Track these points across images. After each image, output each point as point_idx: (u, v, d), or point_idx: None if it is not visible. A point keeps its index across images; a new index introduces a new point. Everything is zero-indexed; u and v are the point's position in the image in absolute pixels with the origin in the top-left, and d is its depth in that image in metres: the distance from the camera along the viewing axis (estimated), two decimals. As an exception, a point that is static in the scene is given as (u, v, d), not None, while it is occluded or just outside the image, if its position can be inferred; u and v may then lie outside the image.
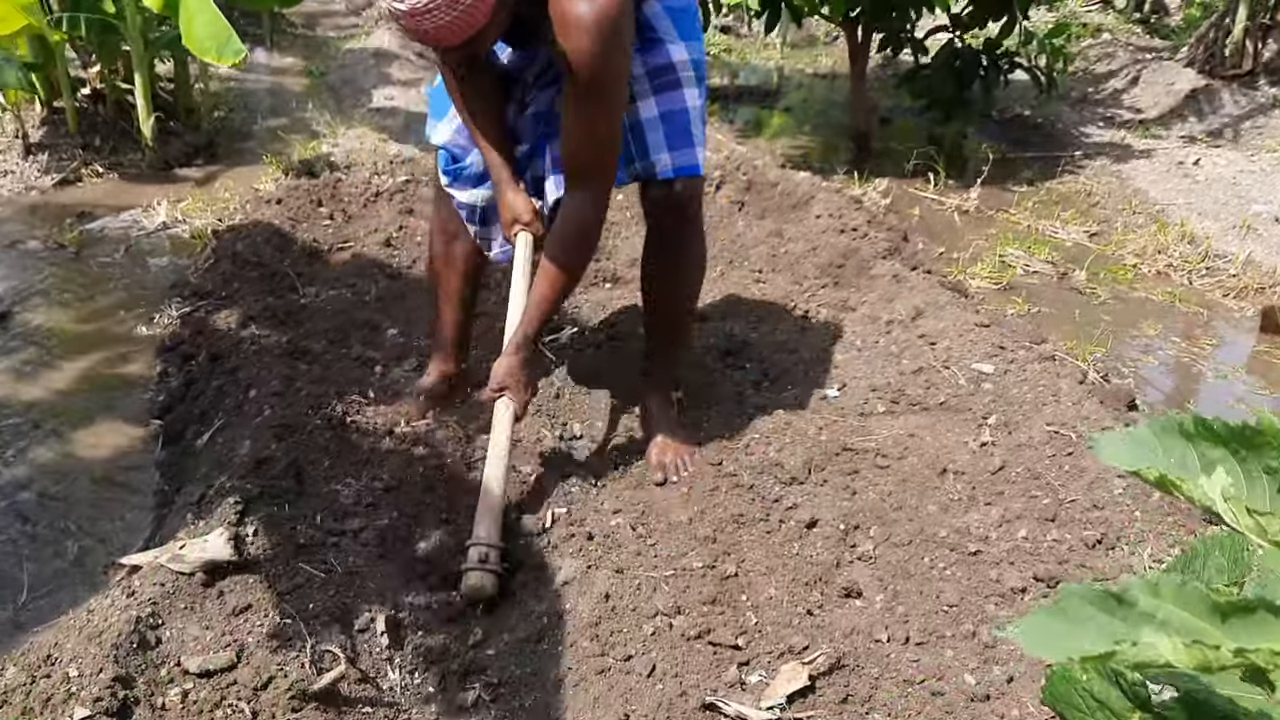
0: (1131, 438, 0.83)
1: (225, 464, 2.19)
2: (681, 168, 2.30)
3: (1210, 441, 0.78)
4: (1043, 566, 2.10)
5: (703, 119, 2.37)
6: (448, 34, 1.86)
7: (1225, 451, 0.77)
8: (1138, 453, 0.81)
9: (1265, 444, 0.75)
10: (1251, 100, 6.57)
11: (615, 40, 1.96)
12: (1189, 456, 0.79)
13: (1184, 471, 0.79)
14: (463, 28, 1.86)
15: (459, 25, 1.85)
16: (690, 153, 2.31)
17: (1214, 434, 0.78)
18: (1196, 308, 3.92)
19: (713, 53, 8.53)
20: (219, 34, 3.97)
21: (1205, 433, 0.78)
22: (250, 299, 2.98)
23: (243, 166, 4.72)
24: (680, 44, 2.28)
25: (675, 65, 2.27)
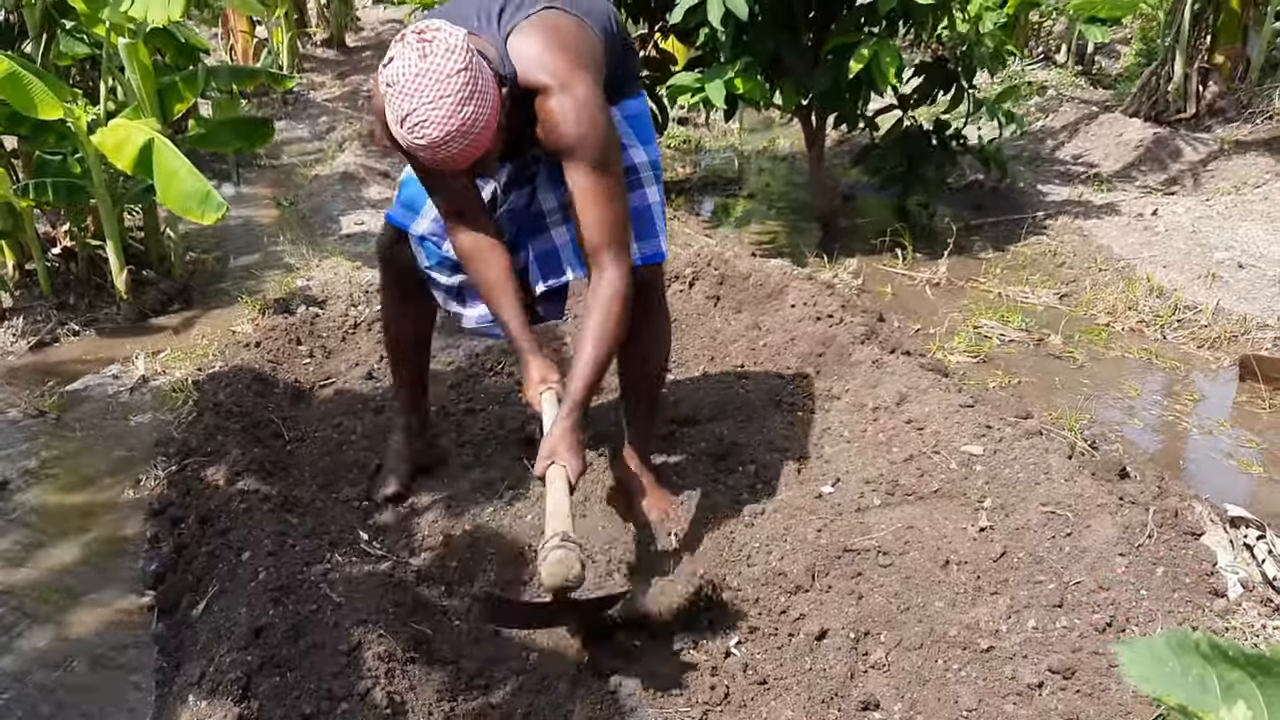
0: (1151, 652, 0.83)
1: (224, 634, 2.16)
2: (648, 256, 2.54)
3: (1227, 664, 0.79)
4: (1056, 658, 2.09)
5: (662, 211, 2.59)
6: (459, 161, 2.05)
7: (1244, 674, 0.78)
8: (1160, 672, 0.81)
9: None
10: (1200, 144, 6.73)
11: (600, 120, 2.14)
12: (1208, 677, 0.80)
13: (1204, 692, 0.79)
14: (472, 153, 2.04)
15: (469, 153, 2.03)
16: (655, 242, 2.55)
17: (1229, 658, 0.79)
18: (1173, 362, 3.97)
19: (673, 144, 8.68)
20: (199, 191, 4.01)
21: (1221, 656, 0.79)
22: (236, 451, 2.97)
23: (219, 309, 4.74)
24: (640, 148, 2.52)
25: (638, 167, 2.50)
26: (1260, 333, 4.08)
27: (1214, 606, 2.20)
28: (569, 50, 2.14)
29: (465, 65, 1.97)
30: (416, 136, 1.99)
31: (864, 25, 5.16)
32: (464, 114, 1.97)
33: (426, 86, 1.95)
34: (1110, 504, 2.49)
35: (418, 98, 1.96)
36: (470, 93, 1.97)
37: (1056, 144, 7.62)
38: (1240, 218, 5.40)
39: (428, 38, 1.98)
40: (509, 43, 2.15)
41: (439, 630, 2.34)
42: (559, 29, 2.17)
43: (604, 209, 2.20)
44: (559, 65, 2.11)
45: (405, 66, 1.97)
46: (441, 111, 1.96)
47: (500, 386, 3.57)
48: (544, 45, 2.13)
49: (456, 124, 1.98)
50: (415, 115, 1.97)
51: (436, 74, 1.95)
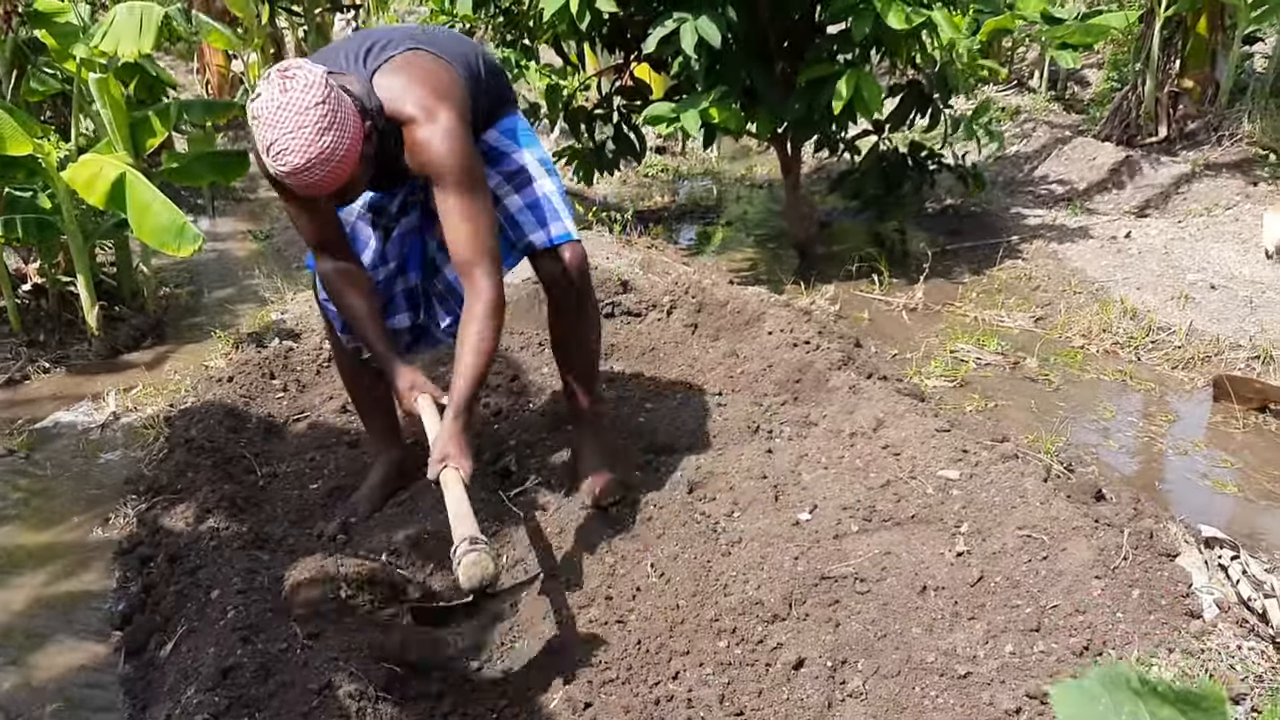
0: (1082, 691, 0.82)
1: (191, 675, 2.12)
2: (555, 237, 2.72)
3: (1158, 700, 0.78)
4: (1033, 682, 2.08)
5: (564, 198, 2.79)
6: (323, 186, 2.21)
7: (1174, 710, 0.77)
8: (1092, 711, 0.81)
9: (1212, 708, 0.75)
10: (1171, 167, 6.79)
11: (463, 147, 2.32)
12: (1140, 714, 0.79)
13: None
14: (335, 180, 2.20)
15: (331, 179, 2.19)
16: (560, 224, 2.74)
17: (1159, 694, 0.78)
18: (1148, 384, 3.98)
19: (651, 173, 8.71)
20: (174, 223, 3.98)
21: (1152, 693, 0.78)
22: (207, 489, 2.93)
23: (192, 344, 4.71)
24: (523, 150, 2.74)
25: (525, 166, 2.72)
26: (1233, 353, 4.10)
27: (1190, 628, 2.19)
28: (430, 84, 2.34)
29: (324, 99, 2.14)
30: (280, 164, 2.15)
31: (836, 53, 5.20)
32: (323, 142, 2.14)
33: (287, 118, 2.12)
34: (1086, 527, 2.48)
35: (279, 128, 2.12)
36: (329, 123, 2.14)
37: (1030, 168, 7.69)
38: (1212, 239, 5.44)
39: (289, 74, 2.15)
40: (374, 79, 2.34)
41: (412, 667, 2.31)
42: (421, 66, 2.38)
43: (472, 227, 2.37)
44: (422, 97, 2.30)
45: (268, 100, 2.14)
46: (300, 140, 2.12)
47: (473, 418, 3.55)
48: (408, 80, 2.33)
49: (316, 151, 2.13)
50: (277, 144, 2.13)
51: (296, 106, 2.12)
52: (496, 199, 2.68)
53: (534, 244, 2.72)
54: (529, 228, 2.72)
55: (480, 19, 5.87)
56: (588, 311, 2.90)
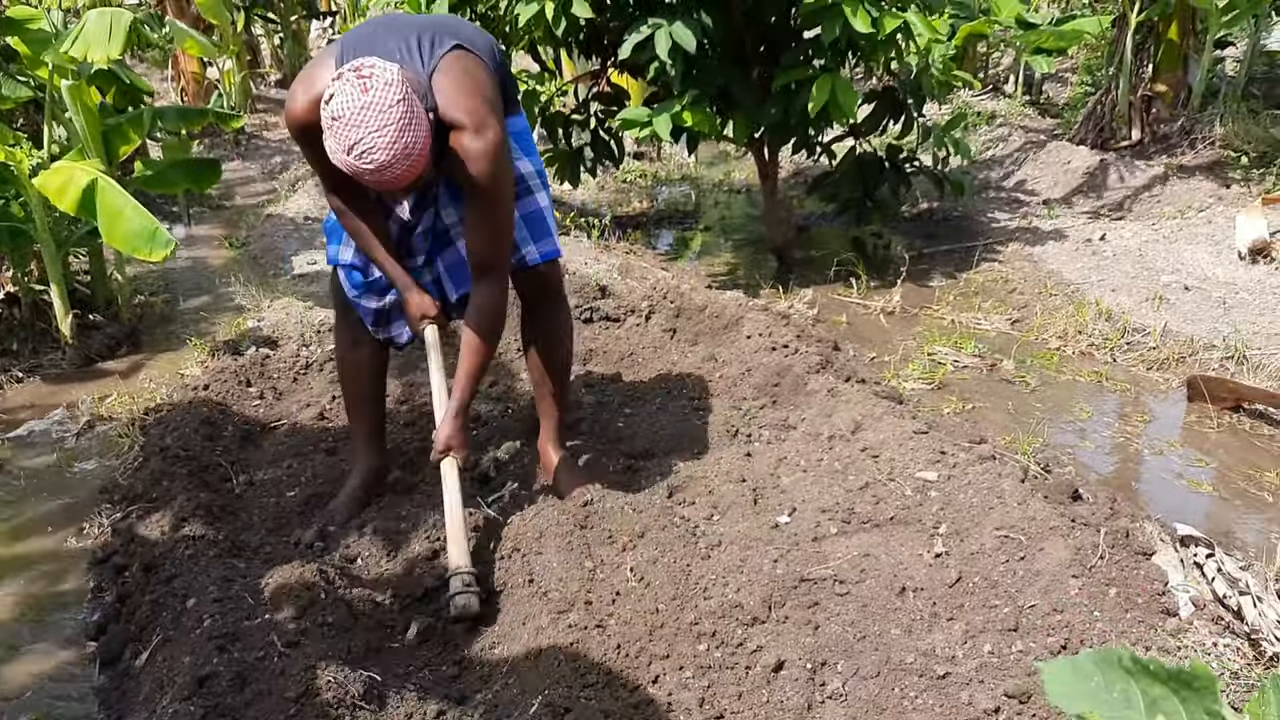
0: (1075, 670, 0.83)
1: (166, 685, 2.10)
2: (547, 254, 2.86)
3: (1150, 679, 0.79)
4: (1012, 682, 2.08)
5: (552, 214, 2.92)
6: (403, 181, 2.28)
7: (1166, 689, 0.78)
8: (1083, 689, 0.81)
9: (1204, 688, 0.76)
10: (1144, 170, 6.86)
11: (505, 161, 2.45)
12: (1132, 692, 0.80)
13: (1128, 707, 0.79)
14: (413, 174, 2.28)
15: (410, 174, 2.27)
16: (549, 241, 2.87)
17: (1151, 673, 0.79)
18: (1123, 384, 4.01)
19: (629, 179, 8.72)
20: (146, 228, 3.95)
21: (1144, 671, 0.79)
22: (182, 497, 2.91)
23: (168, 352, 4.67)
24: (525, 159, 2.83)
25: (525, 176, 2.81)
26: (1207, 353, 4.14)
27: (1166, 626, 2.20)
28: (480, 94, 2.41)
29: (403, 97, 2.20)
30: (365, 163, 2.20)
31: (811, 58, 5.22)
32: (405, 140, 2.20)
33: (371, 118, 2.16)
34: (1063, 526, 2.49)
35: (363, 128, 2.17)
36: (409, 121, 2.20)
37: (1006, 172, 7.74)
38: (1185, 241, 5.49)
39: (365, 74, 2.19)
40: (433, 79, 2.38)
41: (392, 673, 2.30)
42: (471, 71, 2.44)
43: (496, 233, 2.53)
44: (474, 108, 2.37)
45: (349, 101, 2.17)
46: (386, 139, 2.18)
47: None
48: (462, 88, 2.38)
49: (400, 149, 2.20)
50: (362, 144, 2.18)
51: (378, 106, 2.17)
52: None
53: (526, 259, 2.82)
54: (522, 241, 2.81)
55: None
56: (562, 321, 3.03)
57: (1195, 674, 0.77)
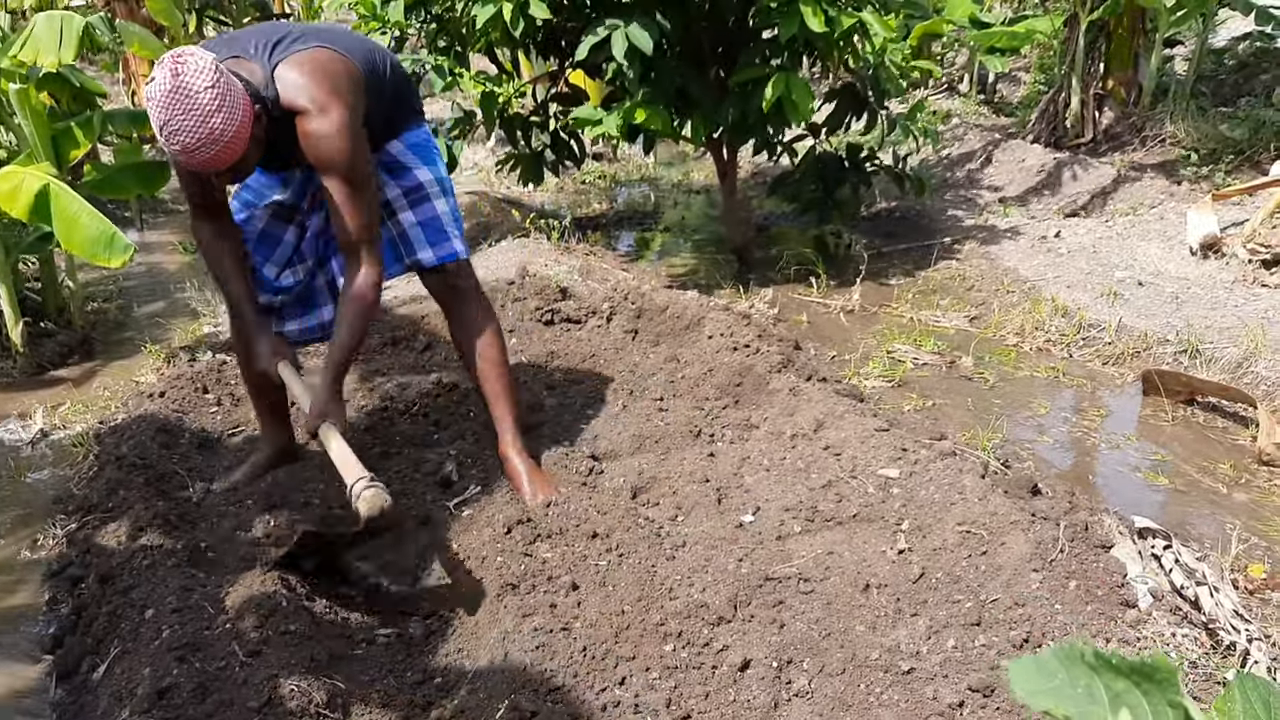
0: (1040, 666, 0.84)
1: (125, 697, 2.06)
2: (443, 256, 2.97)
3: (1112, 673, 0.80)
4: (975, 676, 2.10)
5: (455, 218, 3.02)
6: (214, 164, 2.37)
7: (1129, 683, 0.79)
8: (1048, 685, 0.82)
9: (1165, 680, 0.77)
10: (1097, 168, 6.95)
11: (351, 142, 2.51)
12: (1095, 687, 0.81)
13: (1092, 702, 0.80)
14: (225, 158, 2.36)
15: (221, 157, 2.35)
16: (448, 244, 2.97)
17: (1113, 667, 0.80)
18: (1080, 380, 4.06)
19: (588, 180, 8.71)
20: (104, 234, 3.88)
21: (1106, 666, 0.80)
22: (139, 506, 2.86)
23: (122, 359, 4.60)
24: (424, 168, 2.94)
25: (423, 184, 2.93)
26: (1161, 348, 4.20)
27: (1125, 617, 2.23)
28: (327, 80, 2.49)
29: (213, 83, 2.29)
30: (172, 144, 2.31)
31: (769, 58, 5.24)
32: (212, 123, 2.29)
33: (178, 101, 2.27)
34: (1023, 521, 2.52)
35: (171, 110, 2.28)
36: (218, 106, 2.29)
37: (962, 171, 7.82)
38: (1138, 237, 5.58)
39: (181, 60, 2.30)
40: (276, 70, 2.49)
41: (356, 681, 2.27)
42: (320, 62, 2.52)
43: (354, 214, 2.58)
44: (316, 93, 2.46)
45: (161, 84, 2.28)
46: (191, 121, 2.28)
47: (416, 430, 3.51)
48: (306, 75, 2.48)
49: (205, 132, 2.29)
50: (169, 125, 2.29)
51: (187, 90, 2.27)
52: (392, 211, 2.93)
53: (421, 261, 2.96)
54: (419, 245, 2.95)
55: (412, 25, 5.82)
56: (481, 317, 3.10)
57: (1156, 667, 0.78)
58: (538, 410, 3.67)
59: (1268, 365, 3.81)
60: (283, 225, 2.94)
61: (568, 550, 2.66)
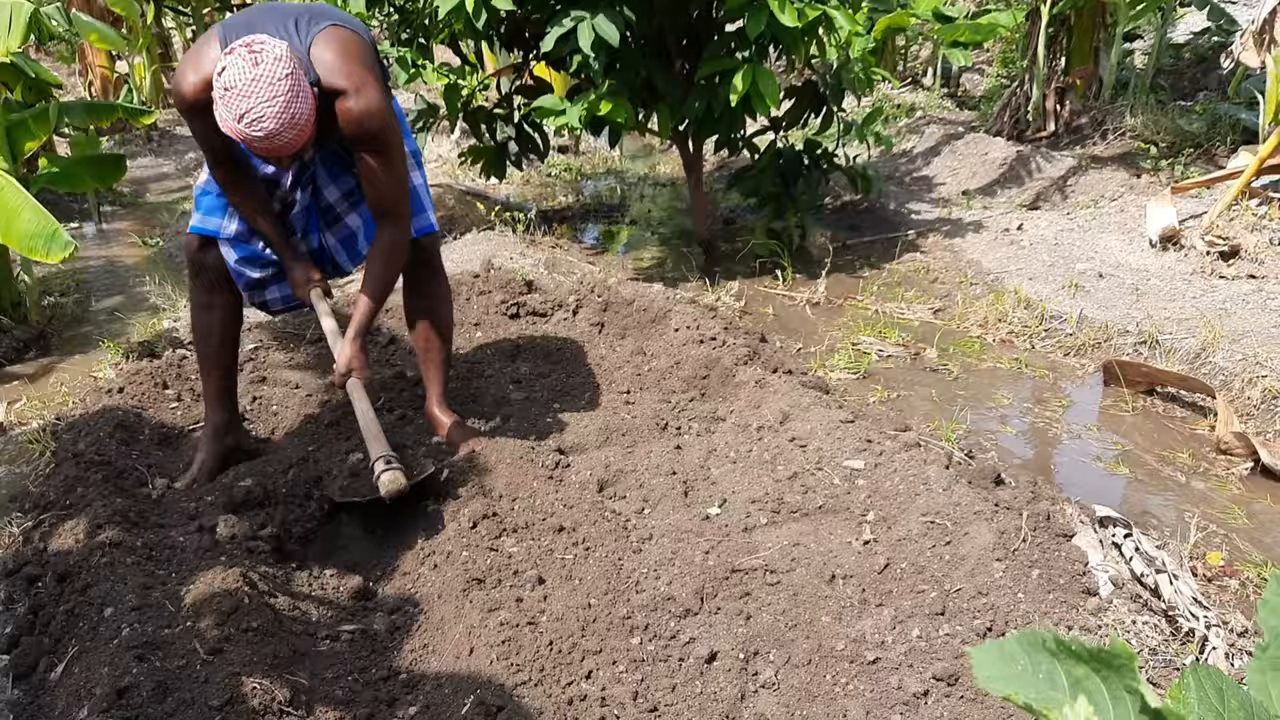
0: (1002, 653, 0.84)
1: (84, 697, 2.03)
2: (421, 228, 3.14)
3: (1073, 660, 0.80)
4: (940, 665, 2.12)
5: (426, 191, 3.20)
6: (290, 148, 2.50)
7: (1088, 669, 0.79)
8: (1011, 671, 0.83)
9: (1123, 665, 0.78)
10: (1059, 161, 7.02)
11: (388, 116, 2.65)
12: (1056, 673, 0.81)
13: (1053, 688, 0.81)
14: (299, 142, 2.50)
15: (297, 141, 2.49)
16: (424, 216, 3.15)
17: (1074, 653, 0.81)
18: (1042, 371, 4.10)
19: (554, 173, 8.68)
20: (43, 229, 3.81)
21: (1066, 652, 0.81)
22: (98, 503, 2.81)
23: (80, 354, 4.53)
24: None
25: None
26: (1121, 339, 4.25)
27: (1087, 605, 2.26)
28: (357, 59, 2.62)
29: (291, 71, 2.42)
30: (255, 131, 2.40)
31: (734, 51, 5.24)
32: (292, 110, 2.41)
33: (261, 89, 2.37)
34: (986, 511, 2.54)
35: (254, 98, 2.37)
36: (295, 93, 2.42)
37: (926, 164, 7.87)
38: (1099, 230, 5.63)
39: (256, 49, 2.39)
40: (310, 52, 2.59)
41: (320, 678, 2.25)
42: (346, 41, 2.64)
43: (390, 183, 2.75)
44: (353, 72, 2.58)
45: (240, 73, 2.37)
46: (275, 109, 2.39)
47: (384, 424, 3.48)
48: (339, 55, 2.59)
49: (288, 118, 2.41)
50: (253, 113, 2.38)
51: (268, 78, 2.37)
52: None
53: None
54: None
55: (374, 16, 5.76)
56: (443, 291, 3.32)
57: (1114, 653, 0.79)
58: (503, 404, 3.66)
59: (1225, 355, 3.86)
60: (269, 199, 3.02)
61: (534, 544, 2.65)
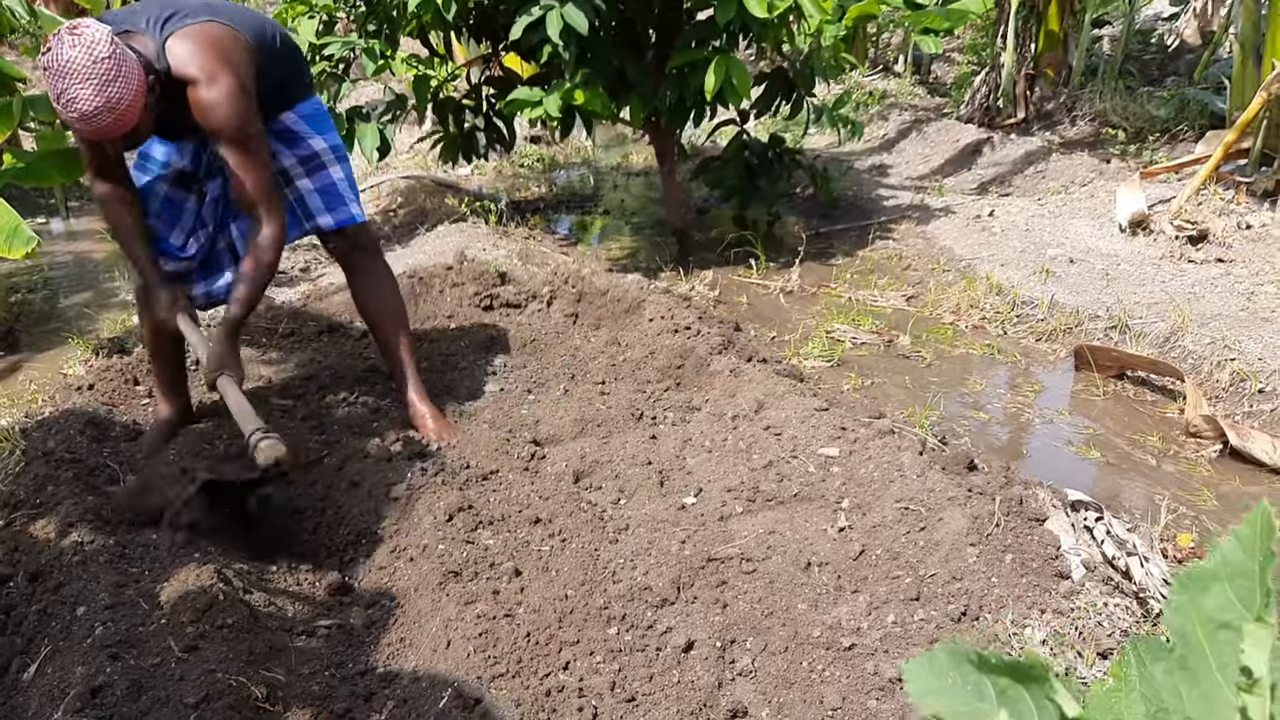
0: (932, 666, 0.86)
1: (57, 697, 2.01)
2: (342, 221, 3.20)
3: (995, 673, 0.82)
4: (915, 650, 2.13)
5: (352, 184, 3.24)
6: (110, 131, 2.50)
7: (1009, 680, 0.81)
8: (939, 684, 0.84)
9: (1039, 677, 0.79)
10: (1029, 147, 7.06)
11: (241, 103, 2.66)
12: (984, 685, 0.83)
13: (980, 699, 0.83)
14: (120, 126, 2.49)
15: (117, 125, 2.49)
16: (345, 209, 3.20)
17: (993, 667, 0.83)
18: (1014, 356, 4.13)
19: (526, 163, 8.64)
20: (6, 224, 3.76)
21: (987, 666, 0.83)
22: (69, 502, 2.78)
23: (48, 351, 4.48)
24: (318, 137, 3.14)
25: (318, 153, 3.14)
26: (1092, 323, 4.29)
27: (1060, 589, 2.28)
28: (215, 51, 2.65)
29: (109, 54, 2.42)
30: (70, 111, 2.43)
31: (705, 40, 5.23)
32: (109, 92, 2.42)
33: (75, 70, 2.40)
34: (960, 496, 2.56)
35: (68, 79, 2.40)
36: (114, 76, 2.42)
37: (897, 151, 7.89)
38: (1070, 215, 5.67)
39: (77, 32, 2.42)
40: (167, 44, 2.63)
41: (296, 673, 2.24)
42: (210, 34, 2.67)
43: (252, 176, 2.74)
44: (205, 62, 2.62)
45: (58, 54, 2.40)
46: (88, 90, 2.41)
47: (353, 417, 3.47)
48: (194, 46, 2.63)
49: (102, 100, 2.42)
50: (67, 94, 2.41)
51: (84, 60, 2.40)
52: (289, 179, 3.12)
53: (321, 226, 3.18)
54: (318, 211, 3.17)
55: (340, 8, 5.71)
56: (381, 273, 3.35)
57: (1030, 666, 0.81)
58: (478, 396, 3.65)
59: (1194, 339, 3.90)
60: (184, 193, 3.08)
61: (510, 536, 2.65)
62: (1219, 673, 0.78)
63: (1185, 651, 0.81)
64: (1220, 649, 0.78)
